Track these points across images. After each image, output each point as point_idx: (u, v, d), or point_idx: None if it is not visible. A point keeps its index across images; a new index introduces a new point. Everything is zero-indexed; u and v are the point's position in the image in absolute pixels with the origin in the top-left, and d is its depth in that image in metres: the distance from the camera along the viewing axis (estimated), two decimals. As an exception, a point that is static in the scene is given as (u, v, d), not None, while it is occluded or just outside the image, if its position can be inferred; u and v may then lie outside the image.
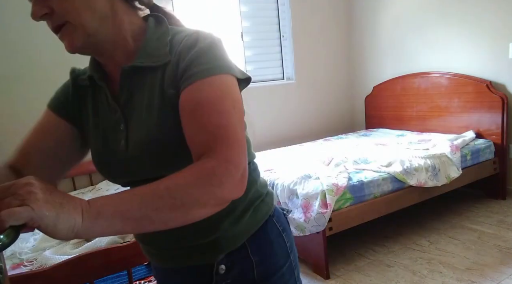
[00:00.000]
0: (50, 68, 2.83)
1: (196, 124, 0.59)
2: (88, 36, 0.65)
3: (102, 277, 1.23)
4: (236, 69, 0.67)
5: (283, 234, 0.79)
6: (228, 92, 0.62)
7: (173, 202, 0.52)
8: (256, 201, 0.75)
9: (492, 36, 3.06)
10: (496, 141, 3.07)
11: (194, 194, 0.53)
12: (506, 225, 2.65)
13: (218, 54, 0.65)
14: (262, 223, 0.76)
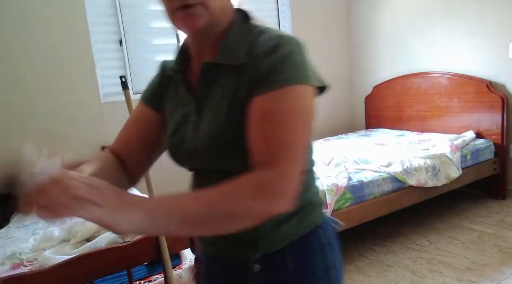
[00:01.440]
0: (51, 67, 2.83)
1: (261, 134, 0.61)
2: (211, 21, 0.67)
3: (102, 277, 1.23)
4: (314, 77, 0.66)
5: (327, 248, 0.76)
6: (300, 106, 0.62)
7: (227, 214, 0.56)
8: (304, 209, 0.73)
9: (492, 36, 3.06)
10: (496, 141, 3.07)
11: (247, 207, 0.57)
12: (506, 225, 2.65)
13: (298, 63, 0.64)
14: (306, 232, 0.73)
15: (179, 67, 0.78)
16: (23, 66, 2.73)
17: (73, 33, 2.88)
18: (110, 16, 3.09)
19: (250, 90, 0.64)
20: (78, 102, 2.94)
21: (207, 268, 0.82)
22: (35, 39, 2.75)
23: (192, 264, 1.47)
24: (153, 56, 3.30)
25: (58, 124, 2.88)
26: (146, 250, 1.29)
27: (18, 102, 2.74)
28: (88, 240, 1.70)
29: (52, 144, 2.87)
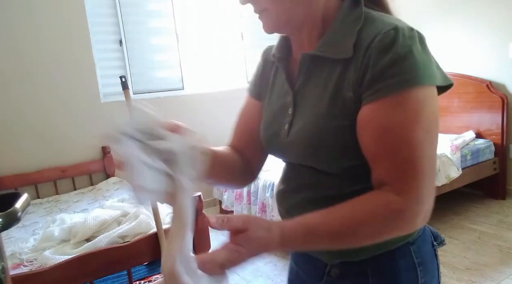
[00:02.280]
0: (51, 67, 2.83)
1: (381, 150, 0.55)
2: (280, 22, 0.64)
3: (102, 277, 1.23)
4: (437, 75, 0.58)
5: (418, 268, 0.67)
6: (423, 113, 0.54)
7: (356, 238, 0.56)
8: None
9: (492, 36, 3.06)
10: (496, 141, 3.07)
11: (378, 232, 0.56)
12: (506, 225, 2.65)
13: (419, 61, 0.55)
14: (395, 247, 0.66)
15: (280, 54, 0.72)
16: (23, 66, 2.73)
17: (73, 33, 2.88)
18: (110, 16, 3.09)
19: (357, 92, 0.57)
20: (78, 102, 2.94)
21: (295, 260, 0.81)
22: (35, 39, 2.75)
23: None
24: (153, 56, 3.29)
25: (58, 124, 2.88)
26: (146, 250, 1.29)
27: (18, 102, 2.73)
28: (88, 240, 1.70)
29: (52, 144, 2.87)
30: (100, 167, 3.02)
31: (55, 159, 2.87)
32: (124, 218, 1.83)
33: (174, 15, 3.33)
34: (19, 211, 0.54)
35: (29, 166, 2.79)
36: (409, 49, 0.56)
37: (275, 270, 2.31)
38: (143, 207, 1.87)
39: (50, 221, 2.02)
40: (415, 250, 0.67)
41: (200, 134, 0.57)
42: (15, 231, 2.03)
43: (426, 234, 0.70)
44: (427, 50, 0.59)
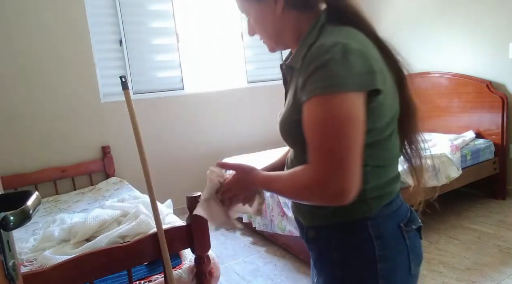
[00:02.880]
0: (52, 67, 2.83)
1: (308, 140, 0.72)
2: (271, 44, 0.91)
3: (102, 277, 1.23)
4: (354, 83, 0.67)
5: (376, 241, 0.78)
6: (331, 115, 0.67)
7: (286, 194, 0.80)
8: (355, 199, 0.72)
9: (492, 36, 3.06)
10: (496, 141, 3.07)
11: (298, 196, 0.77)
12: (506, 225, 2.65)
13: (333, 72, 0.67)
14: (352, 220, 0.79)
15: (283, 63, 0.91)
16: (24, 66, 2.73)
17: (73, 33, 2.88)
18: (110, 16, 3.09)
19: (300, 94, 0.74)
20: (78, 102, 2.94)
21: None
22: (35, 39, 2.75)
23: (192, 264, 1.48)
24: (153, 56, 3.30)
25: (58, 124, 2.88)
26: (146, 250, 1.29)
27: (19, 102, 2.74)
28: (88, 240, 1.70)
29: (52, 144, 2.87)
30: (100, 167, 3.02)
31: (55, 159, 2.88)
32: (124, 218, 1.83)
33: (174, 15, 3.33)
34: (30, 209, 0.54)
35: (29, 166, 2.79)
36: (326, 61, 0.67)
37: (275, 270, 2.31)
38: (142, 207, 1.87)
39: (50, 221, 2.02)
40: (372, 225, 0.78)
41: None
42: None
43: (392, 214, 0.81)
44: (347, 62, 0.67)
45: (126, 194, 2.43)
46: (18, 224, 0.52)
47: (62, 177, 2.87)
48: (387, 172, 0.82)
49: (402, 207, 0.85)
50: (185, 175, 3.32)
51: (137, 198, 2.23)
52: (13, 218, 0.51)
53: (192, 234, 1.38)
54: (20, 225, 0.52)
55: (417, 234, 0.85)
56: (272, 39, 0.88)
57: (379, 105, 0.71)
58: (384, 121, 0.75)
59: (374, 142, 0.75)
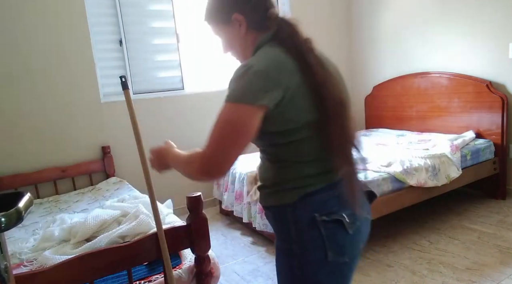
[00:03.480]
0: (51, 67, 2.83)
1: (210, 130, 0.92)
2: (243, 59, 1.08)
3: (102, 277, 1.23)
4: (246, 98, 0.86)
5: (289, 225, 0.95)
6: (226, 118, 0.89)
7: (180, 167, 1.03)
8: (274, 187, 0.98)
9: (492, 36, 3.06)
10: (496, 141, 3.07)
11: (185, 170, 0.99)
12: (506, 225, 2.65)
13: (239, 85, 0.88)
14: (278, 204, 0.97)
15: None
16: (23, 66, 2.73)
17: (73, 33, 2.88)
18: (110, 16, 3.09)
19: None
20: (78, 102, 2.94)
21: None
22: (35, 39, 2.75)
23: (192, 264, 1.48)
24: (153, 56, 3.30)
25: (58, 124, 2.88)
26: (146, 250, 1.29)
27: (18, 102, 2.74)
28: (88, 240, 1.70)
29: (52, 144, 2.87)
30: (100, 167, 3.02)
31: (55, 159, 2.88)
32: (124, 218, 1.83)
33: (174, 15, 3.33)
34: (22, 211, 0.54)
35: (29, 166, 2.79)
36: (236, 76, 0.90)
37: (275, 270, 2.31)
38: (142, 207, 1.87)
39: (50, 221, 2.02)
40: (289, 211, 0.95)
41: None
42: (15, 231, 2.03)
43: (309, 205, 0.94)
44: (246, 80, 0.87)
45: (126, 194, 2.43)
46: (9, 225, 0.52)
47: (62, 177, 2.87)
48: (304, 168, 0.94)
49: (328, 202, 0.94)
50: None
51: (137, 198, 2.23)
52: (4, 220, 0.51)
53: (192, 234, 1.38)
54: (11, 226, 0.52)
55: (339, 227, 0.93)
56: (241, 56, 1.07)
57: (279, 114, 0.88)
58: (289, 127, 0.90)
59: (289, 143, 0.92)
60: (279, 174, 0.97)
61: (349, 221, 0.93)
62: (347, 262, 0.94)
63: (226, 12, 1.01)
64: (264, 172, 1.02)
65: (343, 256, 0.93)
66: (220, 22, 1.04)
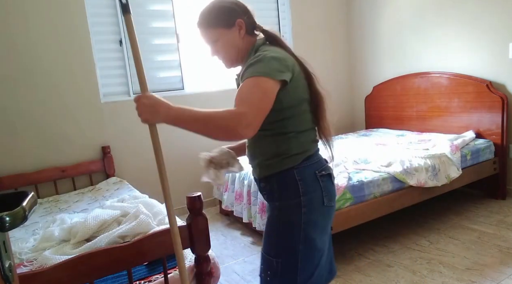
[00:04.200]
0: (51, 67, 2.83)
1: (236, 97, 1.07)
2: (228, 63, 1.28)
3: (102, 277, 1.23)
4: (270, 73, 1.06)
5: (299, 182, 1.16)
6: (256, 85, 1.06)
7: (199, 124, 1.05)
8: (282, 155, 1.17)
9: (492, 36, 3.06)
10: (496, 141, 3.07)
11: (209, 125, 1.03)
12: (506, 225, 2.65)
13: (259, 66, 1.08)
14: (284, 169, 1.17)
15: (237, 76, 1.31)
16: (23, 66, 2.73)
17: (73, 33, 2.88)
18: (110, 16, 3.09)
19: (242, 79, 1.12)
20: (78, 102, 2.94)
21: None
22: (35, 39, 2.75)
23: (192, 264, 1.48)
24: (153, 56, 3.29)
25: (58, 124, 2.88)
26: (146, 250, 1.29)
27: (18, 102, 2.74)
28: (88, 240, 1.70)
29: (52, 144, 2.87)
30: (100, 167, 3.02)
31: (55, 159, 2.88)
32: (124, 218, 1.83)
33: (174, 15, 3.33)
34: (26, 210, 0.54)
35: (29, 166, 2.79)
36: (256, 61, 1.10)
37: (275, 270, 2.31)
38: (142, 207, 1.87)
39: (50, 221, 2.02)
40: (297, 172, 1.17)
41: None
42: (15, 231, 2.03)
43: (310, 165, 1.19)
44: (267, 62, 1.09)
45: (126, 194, 2.43)
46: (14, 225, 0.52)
47: (62, 177, 2.87)
48: (305, 135, 1.19)
49: (320, 161, 1.23)
50: (185, 175, 3.32)
51: (137, 198, 2.23)
52: (9, 219, 0.51)
53: (192, 234, 1.38)
54: (16, 226, 0.52)
55: (329, 179, 1.23)
56: (233, 59, 1.24)
57: (288, 90, 1.11)
58: (295, 102, 1.14)
59: (293, 116, 1.15)
60: (283, 144, 1.17)
61: (333, 174, 1.26)
62: (333, 206, 1.24)
63: (230, 18, 1.20)
64: (264, 146, 1.18)
65: (331, 201, 1.22)
66: (222, 27, 1.20)
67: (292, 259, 1.16)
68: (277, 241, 1.19)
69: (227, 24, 1.20)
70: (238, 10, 1.22)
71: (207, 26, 1.22)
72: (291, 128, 1.16)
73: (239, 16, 1.22)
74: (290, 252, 1.17)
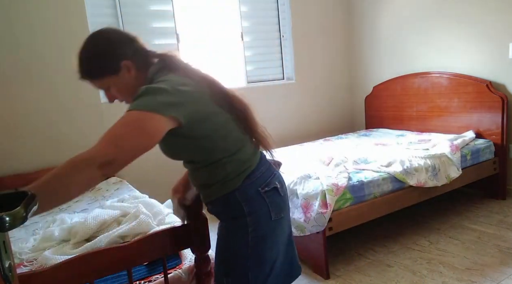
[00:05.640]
0: (51, 67, 2.83)
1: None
2: (125, 100, 1.18)
3: (102, 277, 1.23)
4: (152, 107, 0.97)
5: (242, 203, 1.13)
6: (125, 120, 0.96)
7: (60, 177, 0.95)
8: (222, 180, 1.13)
9: (492, 36, 3.06)
10: (496, 141, 3.07)
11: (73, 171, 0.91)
12: (506, 225, 2.65)
13: (141, 99, 0.99)
14: (227, 192, 1.14)
15: None
16: (23, 66, 2.73)
17: (73, 33, 2.88)
18: (110, 16, 3.09)
19: None
20: (78, 102, 2.94)
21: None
22: (35, 39, 2.75)
23: (192, 264, 1.48)
24: (153, 56, 3.29)
25: (58, 124, 2.88)
26: (146, 250, 1.29)
27: (18, 102, 2.74)
28: (88, 240, 1.70)
29: (52, 144, 2.87)
30: (100, 167, 3.01)
31: (55, 159, 2.88)
32: (124, 218, 1.83)
33: (174, 16, 3.33)
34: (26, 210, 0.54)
35: (29, 166, 2.79)
36: (140, 93, 1.00)
37: (275, 270, 2.31)
38: (142, 207, 1.87)
39: (50, 221, 2.02)
40: (239, 193, 1.13)
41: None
42: (15, 231, 2.03)
43: (252, 183, 1.15)
44: (154, 92, 1.00)
45: (126, 194, 2.43)
46: (13, 225, 0.51)
47: (62, 177, 2.87)
48: (240, 154, 1.14)
49: (262, 175, 1.17)
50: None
51: (137, 198, 2.23)
52: (9, 219, 0.51)
53: (192, 234, 1.37)
54: (15, 226, 0.52)
55: (275, 192, 1.19)
56: (130, 97, 1.11)
57: (191, 121, 1.03)
58: (210, 130, 1.08)
59: (217, 143, 1.10)
60: (220, 171, 1.13)
61: (279, 186, 1.20)
62: (283, 217, 1.21)
63: (113, 63, 1.10)
64: (202, 176, 1.16)
65: (281, 213, 1.19)
66: (108, 74, 1.11)
67: (243, 277, 1.16)
68: (227, 259, 1.19)
69: (112, 70, 1.10)
70: (119, 51, 1.10)
71: (92, 77, 1.15)
72: (222, 154, 1.11)
73: (123, 57, 1.10)
74: (240, 270, 1.17)
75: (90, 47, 1.14)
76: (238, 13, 3.63)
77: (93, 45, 1.14)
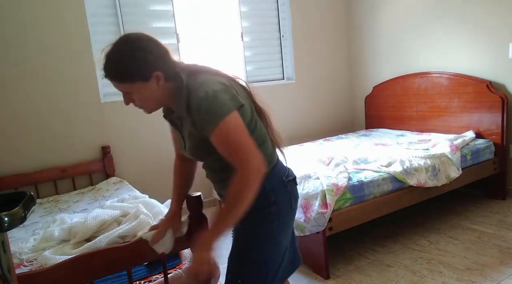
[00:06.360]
0: (51, 67, 2.83)
1: (227, 155, 1.11)
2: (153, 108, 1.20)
3: (102, 277, 1.23)
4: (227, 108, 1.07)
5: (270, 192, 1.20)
6: (227, 131, 1.07)
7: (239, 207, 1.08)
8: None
9: (492, 36, 3.06)
10: (496, 141, 3.07)
11: (245, 196, 1.07)
12: (506, 225, 2.65)
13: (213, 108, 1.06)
14: None
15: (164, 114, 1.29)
16: (24, 66, 2.73)
17: (73, 33, 2.88)
18: (110, 16, 3.09)
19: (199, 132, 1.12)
20: (78, 102, 2.94)
21: None
22: (35, 39, 2.75)
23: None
24: (153, 56, 3.29)
25: (58, 124, 2.88)
26: (146, 250, 1.29)
27: (19, 102, 2.74)
28: (88, 240, 1.70)
29: (52, 144, 2.87)
30: (100, 167, 3.02)
31: (55, 159, 2.88)
32: (124, 218, 1.83)
33: (174, 16, 3.33)
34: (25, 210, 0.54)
35: (29, 166, 2.79)
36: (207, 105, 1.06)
37: (275, 270, 2.31)
38: (142, 207, 1.87)
39: (50, 221, 2.02)
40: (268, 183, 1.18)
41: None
42: (15, 231, 2.03)
43: (277, 173, 1.25)
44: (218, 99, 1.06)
45: (126, 194, 2.43)
46: (12, 225, 0.51)
47: (62, 177, 2.87)
48: (263, 148, 1.20)
49: (282, 167, 1.29)
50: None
51: (137, 198, 2.23)
52: (7, 219, 0.51)
53: (192, 234, 1.37)
54: (14, 226, 0.52)
55: (294, 183, 1.30)
56: (152, 108, 1.18)
57: (243, 111, 1.12)
58: (248, 119, 1.15)
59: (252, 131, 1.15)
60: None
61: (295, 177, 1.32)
62: (296, 207, 1.31)
63: (146, 70, 1.09)
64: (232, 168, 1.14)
65: (297, 203, 1.30)
66: (138, 81, 1.10)
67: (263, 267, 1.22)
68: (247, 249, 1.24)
69: (143, 77, 1.09)
70: (153, 60, 1.11)
71: (120, 79, 1.13)
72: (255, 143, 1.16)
73: (156, 67, 1.10)
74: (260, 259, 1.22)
75: (127, 49, 1.10)
76: (238, 13, 3.63)
77: (131, 49, 1.10)
